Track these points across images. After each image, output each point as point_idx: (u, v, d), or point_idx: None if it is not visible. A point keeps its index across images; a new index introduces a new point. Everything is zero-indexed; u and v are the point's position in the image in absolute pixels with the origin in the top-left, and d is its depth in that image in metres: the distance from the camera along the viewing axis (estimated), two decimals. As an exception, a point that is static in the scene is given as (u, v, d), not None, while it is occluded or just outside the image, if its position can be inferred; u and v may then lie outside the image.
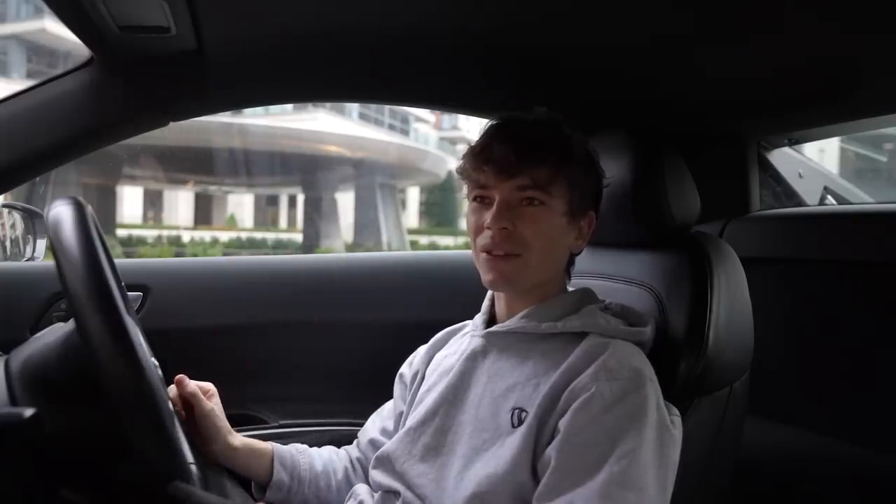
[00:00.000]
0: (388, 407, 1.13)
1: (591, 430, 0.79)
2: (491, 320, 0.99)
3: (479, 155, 0.91)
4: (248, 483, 1.06)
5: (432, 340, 1.10)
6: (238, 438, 1.01)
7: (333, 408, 1.47)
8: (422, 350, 1.10)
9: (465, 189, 0.96)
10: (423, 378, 1.05)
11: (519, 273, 0.90)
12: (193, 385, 0.97)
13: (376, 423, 1.11)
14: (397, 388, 1.11)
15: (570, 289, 0.99)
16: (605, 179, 0.98)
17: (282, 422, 1.44)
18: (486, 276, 0.92)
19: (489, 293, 1.01)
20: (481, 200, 0.92)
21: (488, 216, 0.88)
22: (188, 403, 0.96)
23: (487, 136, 0.92)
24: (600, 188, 0.97)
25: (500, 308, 0.98)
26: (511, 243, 0.88)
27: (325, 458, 1.08)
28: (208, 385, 1.00)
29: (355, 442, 1.13)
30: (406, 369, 1.11)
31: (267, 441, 1.05)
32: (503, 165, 0.88)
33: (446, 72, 1.25)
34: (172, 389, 0.96)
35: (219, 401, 1.01)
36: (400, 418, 1.06)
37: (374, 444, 1.08)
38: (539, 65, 1.18)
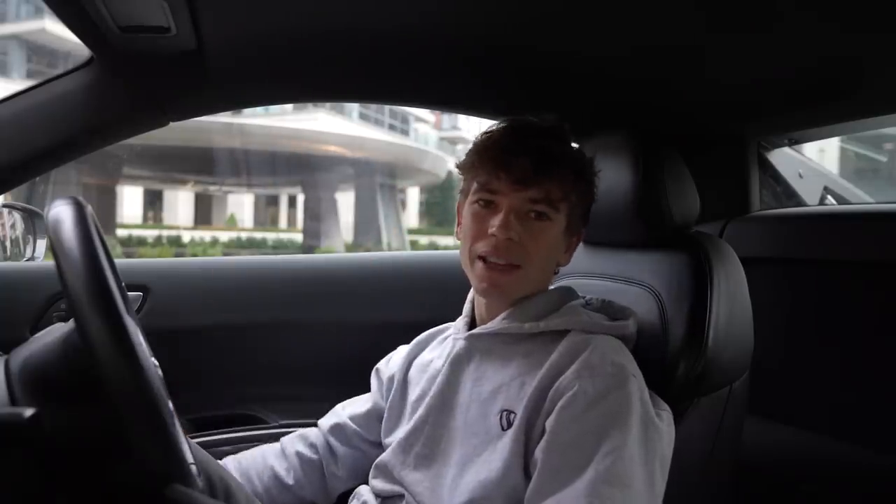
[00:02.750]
0: (361, 398, 1.13)
1: (576, 428, 0.79)
2: (472, 323, 0.99)
3: (494, 160, 0.88)
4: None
5: (413, 343, 1.10)
6: None
7: (333, 407, 1.47)
8: (402, 351, 1.10)
9: (462, 186, 0.94)
10: (403, 383, 1.04)
11: (516, 284, 0.90)
12: None
13: (345, 409, 1.11)
14: (374, 382, 1.11)
15: (551, 287, 0.99)
16: (597, 179, 0.98)
17: (282, 422, 1.44)
18: (479, 284, 0.91)
19: (470, 295, 1.01)
20: (485, 203, 0.89)
21: (495, 222, 0.87)
22: None
23: (502, 142, 0.90)
24: (591, 205, 0.97)
25: (481, 309, 0.97)
26: (513, 253, 0.87)
27: (243, 468, 1.05)
28: None
29: (316, 430, 1.12)
30: (383, 366, 1.11)
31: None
32: (520, 175, 0.87)
33: (446, 73, 1.25)
34: None
35: None
36: (378, 412, 1.06)
37: (341, 429, 1.09)
38: (539, 66, 1.18)
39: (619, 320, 0.92)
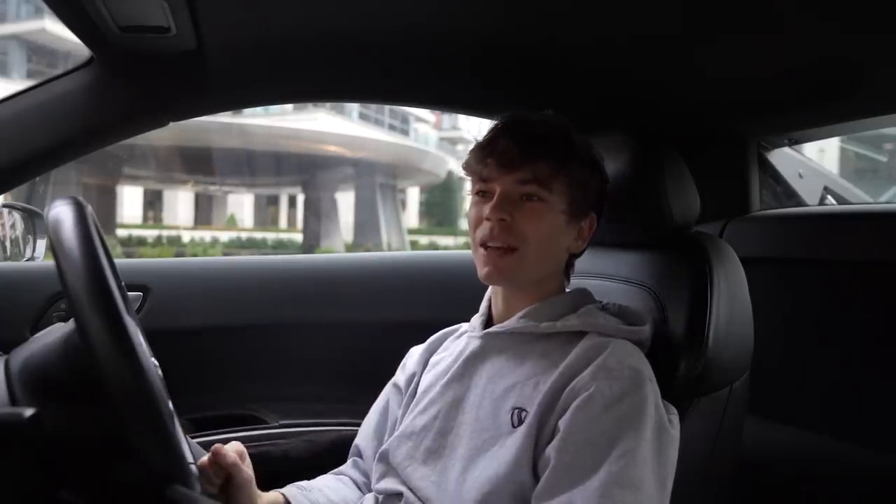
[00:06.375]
0: (371, 422, 1.09)
1: (591, 429, 0.79)
2: (489, 321, 0.99)
3: (484, 149, 0.92)
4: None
5: (427, 342, 1.10)
6: (263, 498, 0.94)
7: (333, 408, 1.47)
8: (416, 352, 1.10)
9: (467, 186, 0.96)
10: (419, 380, 1.04)
11: (515, 267, 0.90)
12: (234, 455, 0.86)
13: (368, 443, 1.08)
14: (394, 397, 1.08)
15: (568, 290, 0.99)
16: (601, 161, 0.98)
17: (282, 422, 1.44)
18: (482, 270, 0.92)
19: (487, 294, 1.01)
20: (483, 195, 0.92)
21: (488, 208, 0.89)
22: (225, 472, 0.87)
23: (493, 131, 0.94)
24: (603, 191, 0.97)
25: (498, 308, 0.97)
26: (509, 236, 0.89)
27: (342, 496, 1.01)
28: (241, 448, 0.90)
29: (351, 462, 1.09)
30: (400, 375, 1.09)
31: (282, 481, 0.99)
32: (505, 158, 0.89)
33: (446, 72, 1.25)
34: (205, 459, 0.86)
35: (249, 461, 0.91)
36: (394, 425, 1.04)
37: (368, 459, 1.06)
38: (538, 65, 1.18)
39: (635, 325, 0.92)
